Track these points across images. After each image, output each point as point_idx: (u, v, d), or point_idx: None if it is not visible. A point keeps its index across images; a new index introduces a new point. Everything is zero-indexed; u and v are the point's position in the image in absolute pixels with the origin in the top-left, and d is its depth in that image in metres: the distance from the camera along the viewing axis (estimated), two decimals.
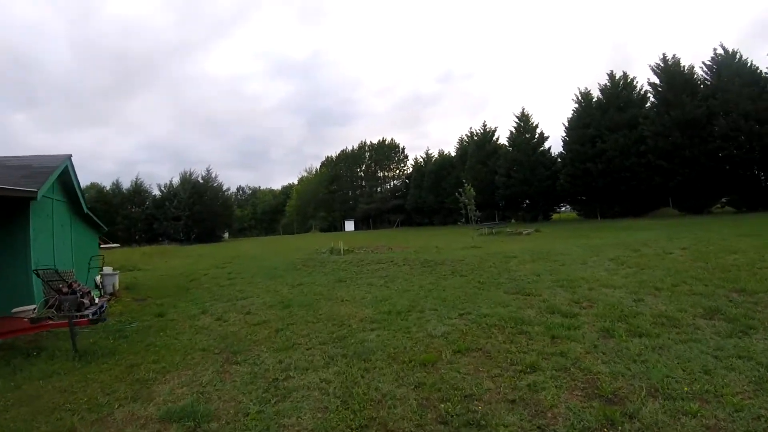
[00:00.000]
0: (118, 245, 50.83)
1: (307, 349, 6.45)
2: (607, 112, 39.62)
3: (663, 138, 34.74)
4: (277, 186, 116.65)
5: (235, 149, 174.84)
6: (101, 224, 16.91)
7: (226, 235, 74.71)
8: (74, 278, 12.10)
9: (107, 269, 13.74)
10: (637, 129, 37.06)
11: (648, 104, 39.34)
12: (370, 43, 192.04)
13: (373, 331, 7.16)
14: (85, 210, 14.15)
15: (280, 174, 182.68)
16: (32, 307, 8.77)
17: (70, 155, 12.60)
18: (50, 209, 11.69)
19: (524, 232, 27.16)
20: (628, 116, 38.20)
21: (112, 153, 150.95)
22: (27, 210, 9.94)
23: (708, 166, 33.03)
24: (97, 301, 11.24)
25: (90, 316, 9.85)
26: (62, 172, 12.19)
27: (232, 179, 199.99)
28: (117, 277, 13.69)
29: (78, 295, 10.37)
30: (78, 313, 9.89)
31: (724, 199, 35.89)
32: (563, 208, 52.48)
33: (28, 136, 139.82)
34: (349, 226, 73.81)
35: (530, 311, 7.70)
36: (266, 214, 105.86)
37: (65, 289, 10.54)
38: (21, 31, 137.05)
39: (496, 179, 47.66)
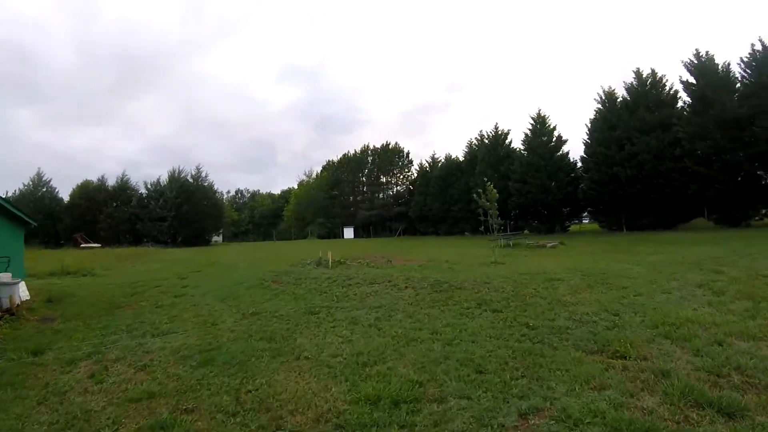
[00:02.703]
0: (99, 245, 47.56)
1: None
2: (636, 112, 35.19)
3: (701, 140, 30.80)
4: (278, 190, 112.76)
5: (241, 153, 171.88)
6: (26, 217, 13.75)
7: (220, 238, 70.97)
8: None
9: (4, 276, 10.63)
10: (670, 131, 32.94)
11: (679, 105, 35.42)
12: (376, 51, 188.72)
13: None
14: None
15: (285, 178, 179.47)
16: None
17: None
18: None
19: (548, 245, 23.16)
20: (661, 116, 33.98)
21: (116, 154, 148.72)
22: None
23: (751, 173, 29.19)
24: None
25: None
26: None
27: (237, 182, 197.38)
28: (18, 288, 10.60)
29: None
30: None
31: (764, 210, 31.73)
32: (582, 220, 48.24)
33: (31, 132, 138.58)
34: (349, 233, 69.42)
35: (653, 401, 3.96)
36: (264, 218, 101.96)
37: None
38: (25, 27, 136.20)
39: (510, 185, 42.50)
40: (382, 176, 77.65)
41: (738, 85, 31.67)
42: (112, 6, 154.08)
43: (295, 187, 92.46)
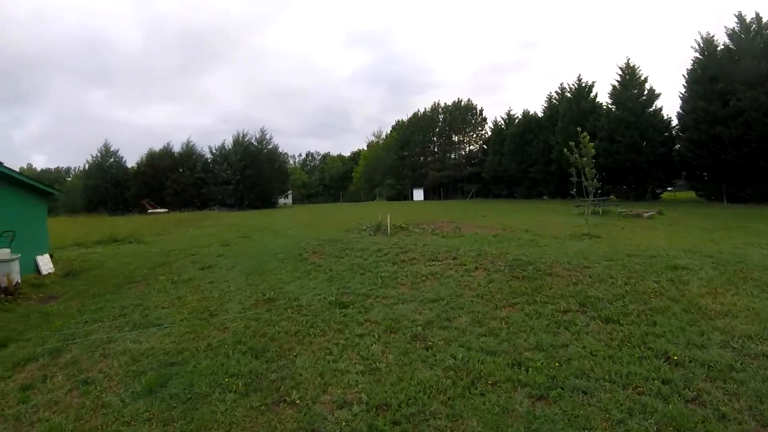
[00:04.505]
0: (166, 210, 48.02)
1: None
2: (740, 63, 29.85)
3: None
4: (348, 152, 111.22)
5: (313, 119, 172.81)
6: (45, 187, 13.24)
7: (288, 200, 70.48)
8: None
9: (2, 253, 9.69)
10: None
11: None
12: (444, 11, 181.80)
13: None
14: None
15: (360, 142, 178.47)
16: None
17: None
18: None
19: (645, 215, 19.72)
20: None
21: (190, 126, 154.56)
22: None
23: None
24: None
25: None
26: None
27: (310, 148, 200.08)
28: (15, 265, 9.69)
29: None
30: None
31: None
32: (674, 187, 42.71)
33: (107, 111, 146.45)
34: (418, 195, 66.27)
35: None
36: (335, 180, 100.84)
37: None
38: (93, 16, 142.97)
39: (595, 144, 37.86)
40: (453, 135, 73.30)
41: None
42: None
43: (365, 148, 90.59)
